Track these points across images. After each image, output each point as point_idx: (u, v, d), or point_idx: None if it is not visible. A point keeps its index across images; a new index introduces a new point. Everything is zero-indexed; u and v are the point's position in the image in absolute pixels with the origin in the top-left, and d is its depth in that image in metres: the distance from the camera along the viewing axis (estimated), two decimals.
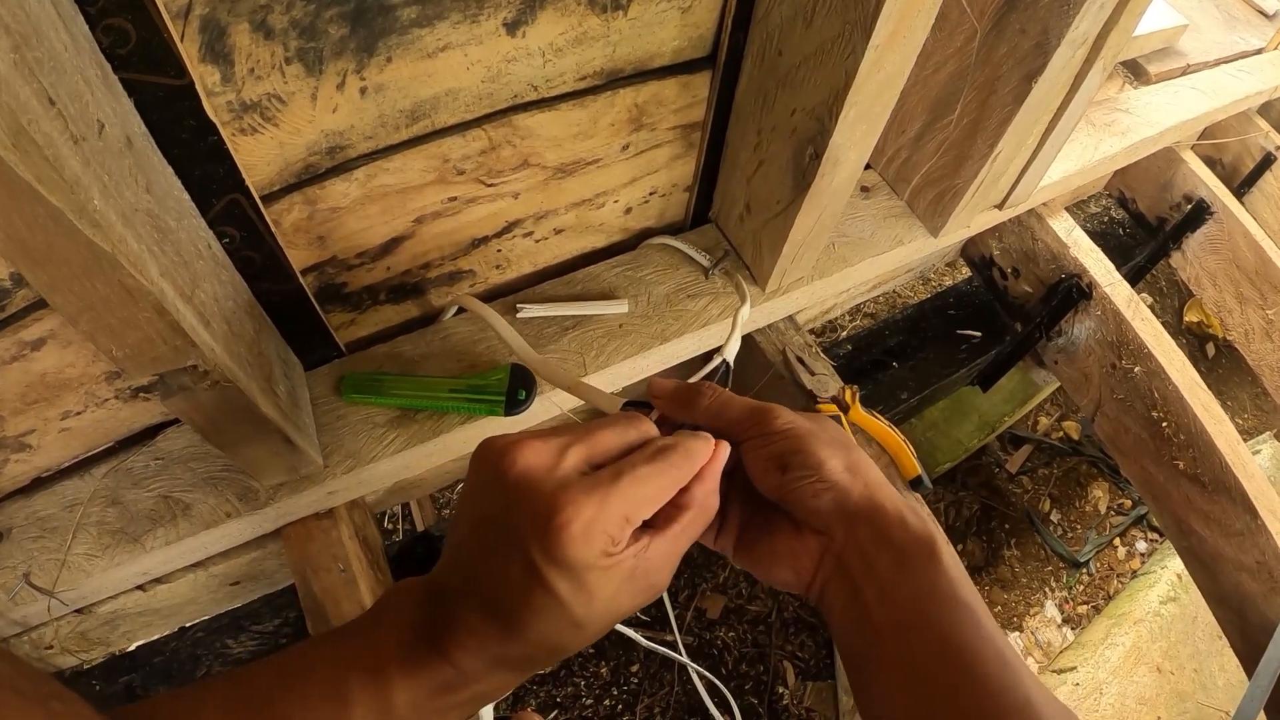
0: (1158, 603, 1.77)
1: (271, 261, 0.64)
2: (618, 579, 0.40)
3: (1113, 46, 0.79)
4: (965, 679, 0.39)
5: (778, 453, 0.46)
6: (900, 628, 0.41)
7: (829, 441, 0.47)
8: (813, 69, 0.66)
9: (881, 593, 0.43)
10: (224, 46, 0.49)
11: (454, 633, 0.40)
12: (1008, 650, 0.40)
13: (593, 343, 0.82)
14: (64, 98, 0.37)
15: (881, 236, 0.96)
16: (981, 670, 0.38)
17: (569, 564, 0.38)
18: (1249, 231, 1.42)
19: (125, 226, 0.41)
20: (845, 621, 0.44)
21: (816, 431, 0.47)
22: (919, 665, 0.40)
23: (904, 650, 0.41)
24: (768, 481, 0.47)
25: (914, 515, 0.45)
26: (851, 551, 0.44)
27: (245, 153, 0.55)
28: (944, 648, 0.40)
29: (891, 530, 0.44)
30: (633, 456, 0.43)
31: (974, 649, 0.39)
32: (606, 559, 0.39)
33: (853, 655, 0.44)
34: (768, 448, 0.47)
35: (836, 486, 0.45)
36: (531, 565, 0.38)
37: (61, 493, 0.69)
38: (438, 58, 0.58)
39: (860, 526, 0.44)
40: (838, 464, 0.46)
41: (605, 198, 0.82)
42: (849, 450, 0.48)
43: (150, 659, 0.80)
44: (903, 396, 1.26)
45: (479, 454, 0.42)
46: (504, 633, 0.40)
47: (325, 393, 0.75)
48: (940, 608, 0.41)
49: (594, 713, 1.60)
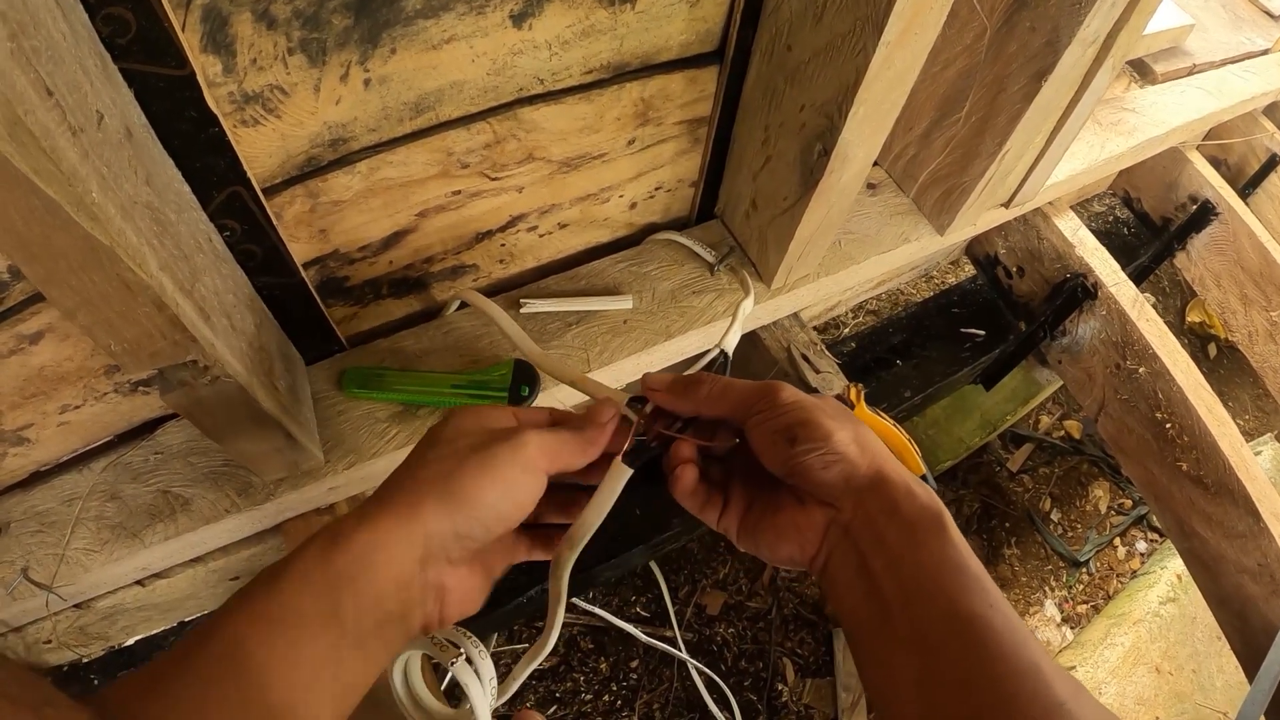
0: (1157, 603, 1.77)
1: (273, 255, 0.63)
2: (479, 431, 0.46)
3: (1122, 46, 0.78)
4: (974, 647, 0.39)
5: (785, 424, 0.46)
6: (909, 597, 0.41)
7: (835, 415, 0.47)
8: (822, 65, 0.65)
9: (890, 563, 0.43)
10: (226, 36, 0.48)
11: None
12: (1014, 618, 0.40)
13: (596, 338, 0.81)
14: (62, 88, 0.36)
15: (888, 234, 0.96)
16: (992, 639, 0.38)
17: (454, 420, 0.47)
18: (1254, 233, 1.41)
19: (124, 219, 0.41)
20: (852, 593, 0.44)
21: (822, 405, 0.47)
22: (928, 634, 0.40)
23: (913, 620, 0.41)
24: (776, 454, 0.47)
25: (921, 487, 0.45)
26: (860, 522, 0.44)
27: (247, 144, 0.55)
28: (953, 617, 0.40)
29: (900, 501, 0.44)
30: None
31: (983, 618, 0.39)
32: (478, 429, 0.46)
33: (859, 626, 0.44)
34: (775, 420, 0.47)
35: (845, 458, 0.45)
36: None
37: (60, 487, 0.69)
38: (443, 49, 0.57)
39: (869, 498, 0.44)
40: (846, 435, 0.45)
41: (610, 192, 0.81)
42: (855, 424, 0.48)
43: (149, 654, 0.80)
44: (906, 395, 1.26)
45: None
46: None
47: (326, 387, 0.75)
48: (949, 578, 0.41)
49: (593, 708, 1.60)
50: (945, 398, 1.56)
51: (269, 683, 0.35)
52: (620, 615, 1.62)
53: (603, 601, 1.67)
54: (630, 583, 1.73)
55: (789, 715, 1.67)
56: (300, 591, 0.38)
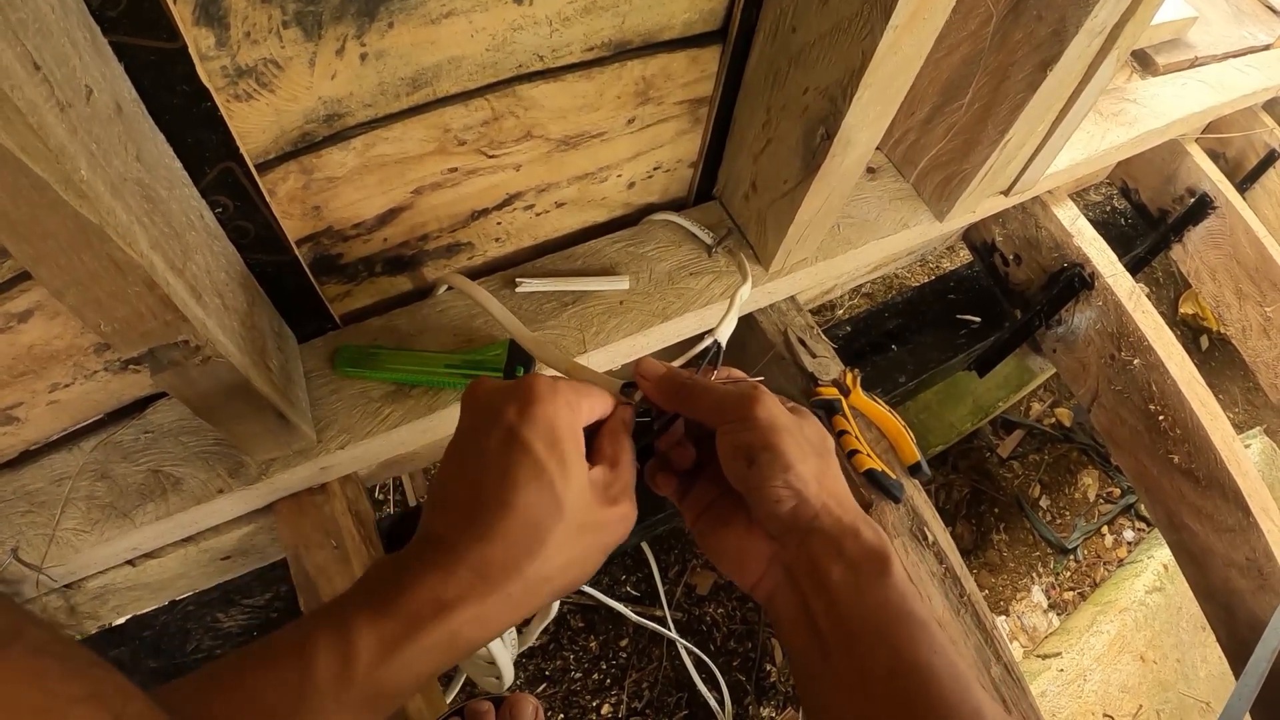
0: (1143, 592, 1.79)
1: (266, 232, 0.62)
2: (584, 468, 0.42)
3: (1128, 37, 0.77)
4: (916, 694, 0.38)
5: (748, 444, 0.45)
6: (850, 641, 0.41)
7: (804, 444, 0.46)
8: (827, 48, 0.64)
9: (831, 605, 0.42)
10: (219, 9, 0.47)
11: (421, 557, 0.40)
12: (957, 664, 0.39)
13: (593, 319, 0.80)
14: (49, 62, 0.35)
15: (887, 219, 0.95)
16: (934, 686, 0.38)
17: (544, 420, 0.41)
18: (1251, 228, 1.41)
19: (114, 197, 0.40)
20: (795, 633, 0.44)
21: (793, 431, 0.46)
22: (869, 680, 0.40)
23: (854, 664, 0.40)
24: (733, 470, 0.46)
25: (869, 528, 0.44)
26: (803, 562, 0.44)
27: (240, 120, 0.54)
28: (895, 662, 0.39)
29: (845, 542, 0.43)
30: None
31: (925, 663, 0.39)
32: (574, 434, 0.42)
33: (800, 666, 0.44)
34: (740, 435, 0.45)
35: (798, 495, 0.44)
36: (510, 430, 0.41)
37: (50, 466, 0.68)
38: (441, 24, 0.56)
39: (813, 539, 0.44)
40: (806, 470, 0.44)
41: (609, 172, 0.80)
42: (821, 457, 0.47)
43: (140, 633, 0.80)
44: (900, 379, 1.25)
45: (468, 391, 0.46)
46: (476, 531, 0.40)
47: (319, 366, 0.74)
48: (891, 622, 0.41)
49: (582, 686, 1.61)
50: (939, 383, 1.57)
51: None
52: (610, 594, 1.62)
53: (593, 580, 1.67)
54: (620, 562, 1.73)
55: (776, 695, 1.69)
56: (401, 680, 0.37)
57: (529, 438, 0.41)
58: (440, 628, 0.38)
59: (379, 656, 0.37)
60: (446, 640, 0.38)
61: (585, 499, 0.42)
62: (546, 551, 0.40)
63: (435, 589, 0.38)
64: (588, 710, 1.58)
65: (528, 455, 0.41)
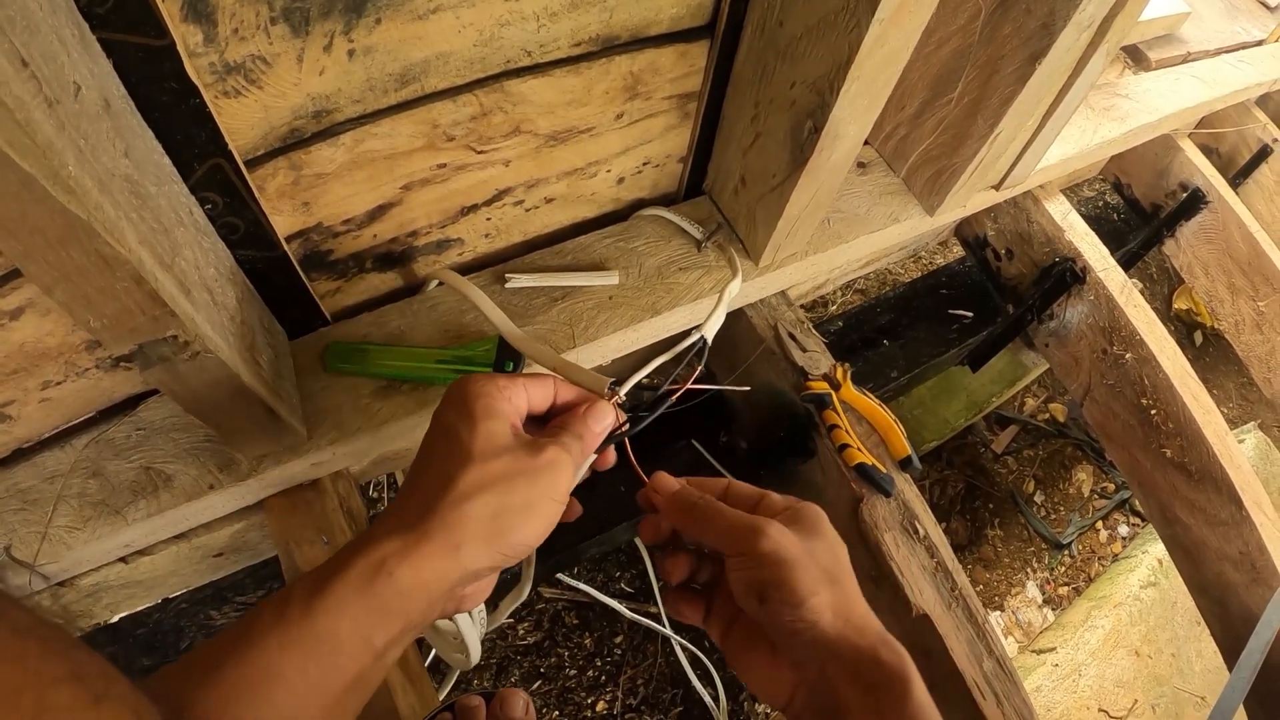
0: (1138, 587, 1.79)
1: (255, 228, 0.62)
2: (498, 424, 0.45)
3: (1118, 31, 0.77)
4: None
5: (758, 581, 0.46)
6: None
7: (815, 574, 0.46)
8: (814, 41, 0.65)
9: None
10: (207, 6, 0.47)
11: (380, 520, 0.44)
12: None
13: (582, 314, 0.80)
14: (37, 59, 0.35)
15: (877, 214, 0.95)
16: None
17: (458, 394, 0.47)
18: (1243, 223, 1.42)
19: (102, 193, 0.40)
20: None
21: (803, 561, 0.46)
22: None
23: None
24: (746, 605, 0.47)
25: (888, 650, 0.45)
26: (822, 689, 0.45)
27: (228, 116, 0.54)
28: None
29: (864, 668, 0.44)
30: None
31: None
32: (485, 400, 0.46)
33: None
34: (749, 572, 0.46)
35: (815, 626, 0.45)
36: (435, 415, 0.48)
37: (42, 464, 0.68)
38: (429, 19, 0.56)
39: (833, 665, 0.45)
40: (819, 602, 0.45)
41: (598, 167, 0.81)
42: (835, 582, 0.47)
43: (133, 630, 0.80)
44: (892, 375, 1.26)
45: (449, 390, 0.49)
46: (399, 494, 0.45)
47: (310, 363, 0.74)
48: None
49: (577, 683, 1.61)
50: (932, 378, 1.57)
51: (302, 706, 0.37)
52: (605, 591, 1.63)
53: (587, 577, 1.67)
54: (615, 559, 1.73)
55: None
56: (338, 619, 0.39)
57: (443, 409, 0.47)
58: (362, 560, 0.40)
59: (309, 592, 0.39)
60: (372, 571, 0.40)
61: (496, 445, 0.45)
62: (457, 489, 0.43)
63: (361, 538, 0.42)
64: (583, 707, 1.58)
65: (438, 421, 0.47)
